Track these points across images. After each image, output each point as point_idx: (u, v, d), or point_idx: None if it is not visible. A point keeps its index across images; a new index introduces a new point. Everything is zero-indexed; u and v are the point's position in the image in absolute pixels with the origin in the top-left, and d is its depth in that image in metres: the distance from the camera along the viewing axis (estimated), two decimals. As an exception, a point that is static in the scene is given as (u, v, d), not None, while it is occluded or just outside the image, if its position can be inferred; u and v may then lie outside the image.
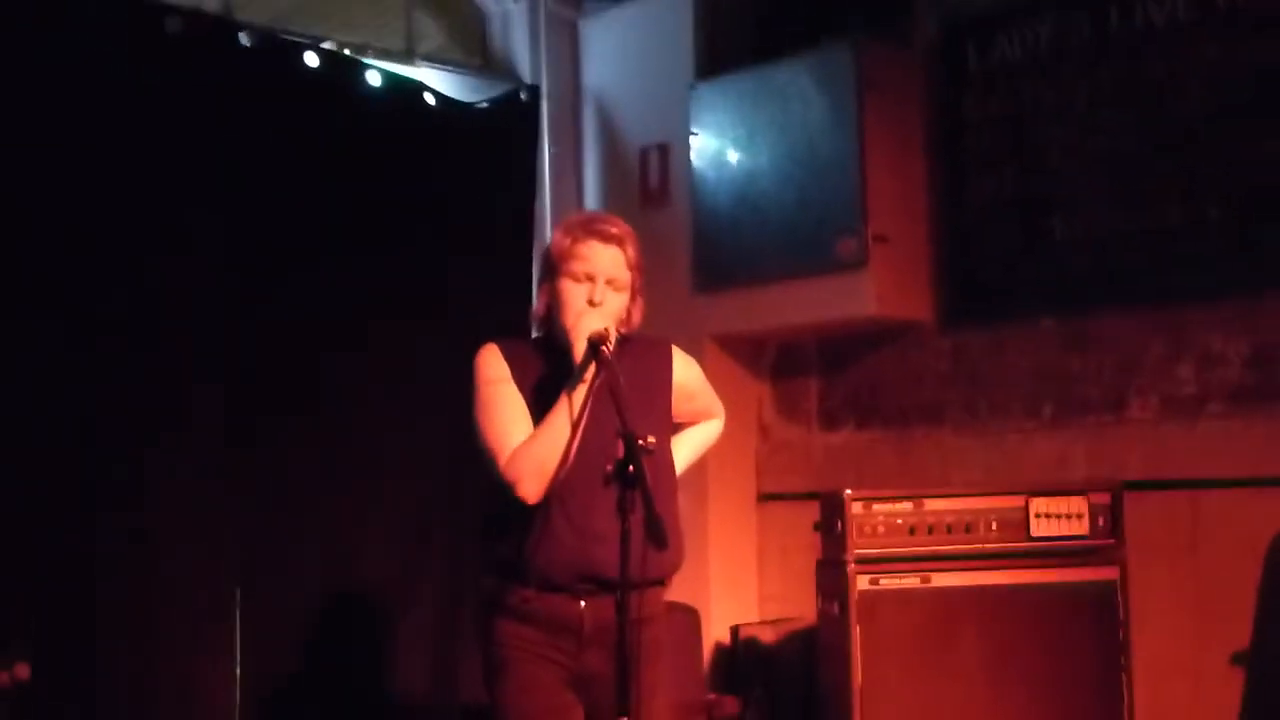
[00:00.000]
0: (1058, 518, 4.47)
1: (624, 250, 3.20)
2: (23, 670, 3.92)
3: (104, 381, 4.61)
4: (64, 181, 4.53)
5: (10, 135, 4.40)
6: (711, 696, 5.19)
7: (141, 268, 4.71)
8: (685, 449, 3.51)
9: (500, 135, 5.88)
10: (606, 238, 3.19)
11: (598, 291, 3.17)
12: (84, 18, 4.60)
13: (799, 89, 5.40)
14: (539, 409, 3.15)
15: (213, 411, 4.83)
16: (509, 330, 3.42)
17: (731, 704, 5.11)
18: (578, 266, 3.18)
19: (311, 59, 5.24)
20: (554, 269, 3.22)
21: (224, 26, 5.03)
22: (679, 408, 3.40)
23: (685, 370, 3.41)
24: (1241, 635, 4.57)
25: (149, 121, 4.74)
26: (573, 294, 3.17)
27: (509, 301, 5.48)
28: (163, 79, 4.78)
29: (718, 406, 3.60)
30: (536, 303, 3.32)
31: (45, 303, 4.48)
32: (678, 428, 3.49)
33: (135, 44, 4.74)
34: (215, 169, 4.89)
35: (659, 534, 2.80)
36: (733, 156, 5.63)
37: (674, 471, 3.33)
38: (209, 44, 4.93)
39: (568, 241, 3.21)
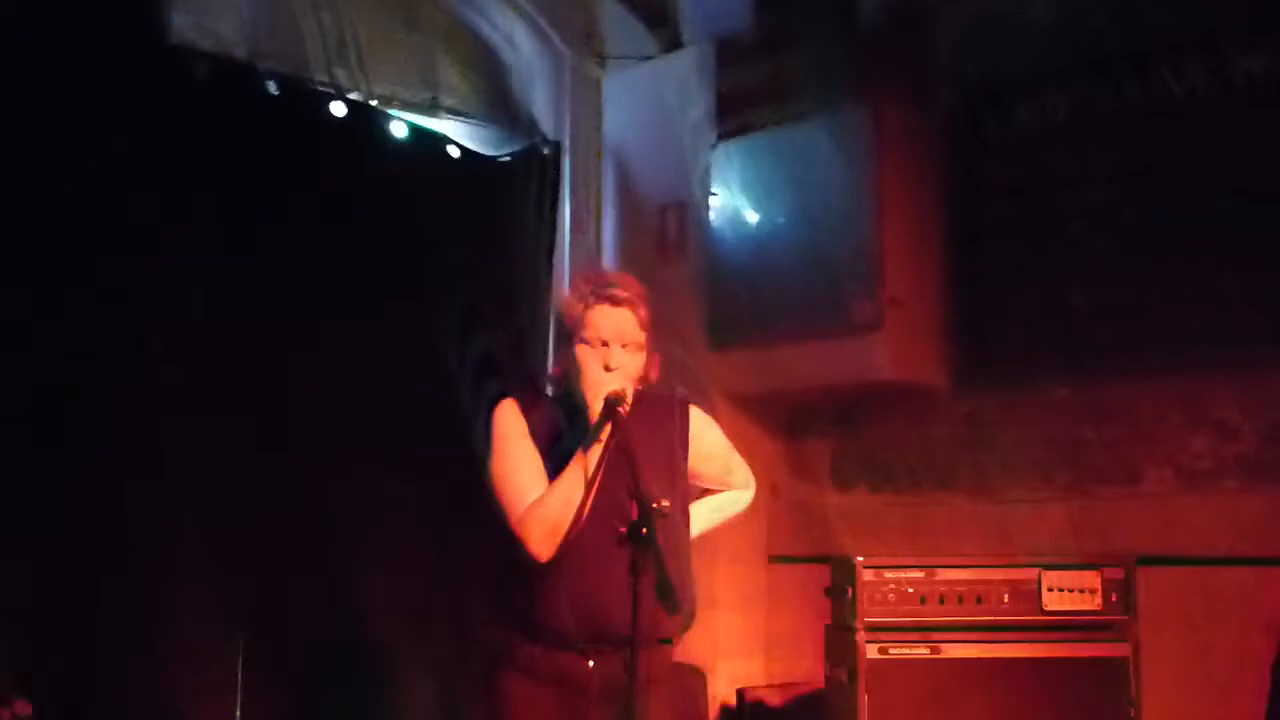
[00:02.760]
0: (1070, 592, 4.43)
1: (636, 313, 3.21)
2: (24, 708, 3.90)
3: (113, 417, 4.62)
4: (87, 214, 4.55)
5: (37, 168, 4.42)
6: (717, 760, 5.14)
7: (163, 312, 4.73)
8: (705, 516, 3.49)
9: (521, 188, 5.90)
10: (617, 302, 3.19)
11: (614, 357, 3.16)
12: (115, 59, 4.64)
13: (818, 150, 5.41)
14: (554, 466, 3.15)
15: (224, 454, 4.82)
16: (525, 385, 3.41)
17: (736, 767, 5.07)
18: (591, 334, 3.18)
19: (338, 108, 5.27)
20: (569, 336, 3.22)
21: (250, 73, 5.07)
22: (699, 469, 3.39)
23: (703, 430, 3.40)
24: (1254, 714, 4.52)
25: (174, 164, 4.75)
26: (589, 360, 3.18)
27: (526, 355, 5.50)
28: (189, 123, 4.80)
29: (745, 477, 3.56)
30: (554, 365, 3.32)
31: (65, 336, 4.52)
32: (704, 492, 3.48)
33: (163, 87, 4.77)
34: (241, 213, 4.91)
35: (670, 596, 2.79)
36: (751, 215, 5.64)
37: (688, 532, 3.31)
38: (236, 90, 4.97)
39: (580, 308, 3.21)
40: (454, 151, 5.69)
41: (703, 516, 3.49)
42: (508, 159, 5.95)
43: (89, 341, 4.57)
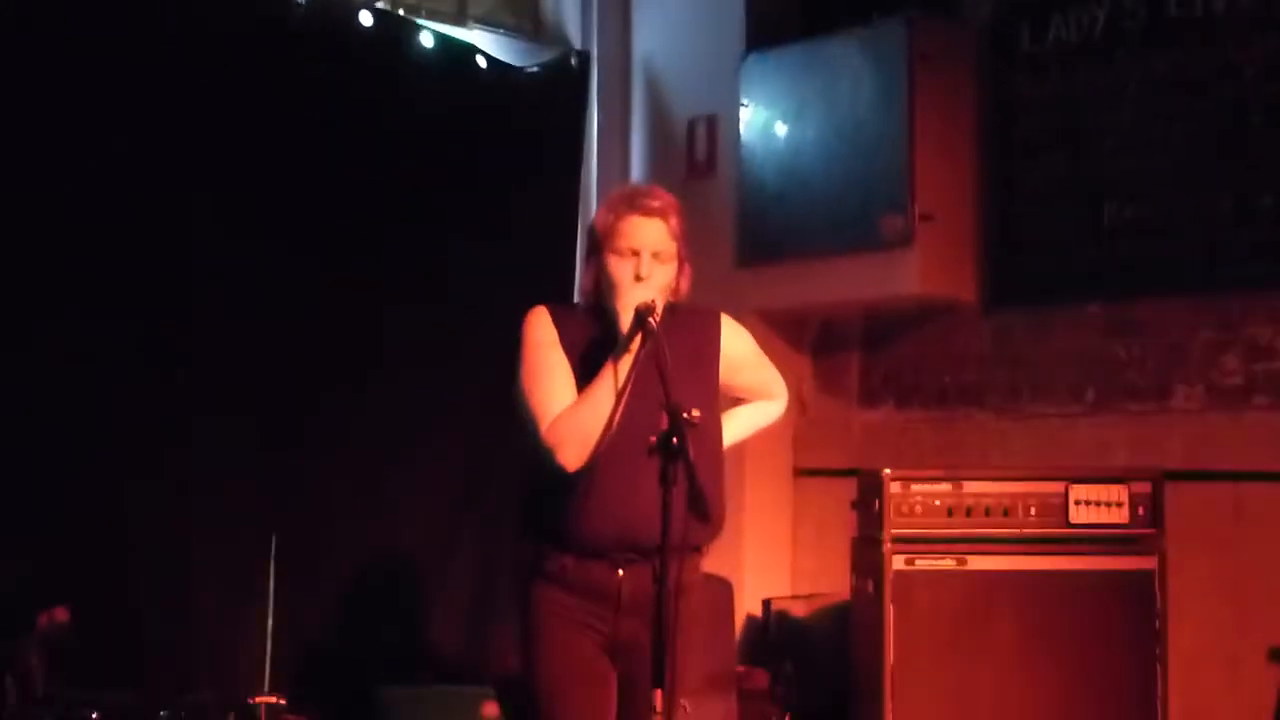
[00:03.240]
0: (1097, 505, 4.45)
1: (667, 222, 3.19)
2: (62, 614, 3.97)
3: (153, 339, 4.68)
4: (99, 164, 4.56)
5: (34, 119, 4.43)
6: (741, 669, 5.19)
7: (193, 237, 4.76)
8: (737, 425, 3.49)
9: (549, 101, 5.88)
10: (649, 211, 3.17)
11: (644, 266, 3.15)
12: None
13: (850, 64, 5.36)
14: (585, 376, 3.14)
15: (266, 376, 4.89)
16: (552, 298, 3.41)
17: (761, 677, 5.12)
18: (622, 243, 3.16)
19: (366, 18, 5.24)
20: (599, 246, 3.21)
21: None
22: (730, 380, 3.38)
23: (734, 340, 3.39)
24: None
25: (198, 85, 4.76)
26: (619, 270, 3.16)
27: (555, 270, 5.50)
28: (214, 39, 4.79)
29: (778, 386, 3.56)
30: (583, 278, 3.31)
31: (100, 275, 4.57)
32: (736, 401, 3.48)
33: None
34: (266, 131, 4.91)
35: (701, 506, 2.81)
36: (781, 130, 5.60)
37: (720, 443, 3.31)
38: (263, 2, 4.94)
39: (611, 218, 3.19)
40: (482, 62, 5.65)
41: (735, 426, 3.50)
42: (536, 70, 5.91)
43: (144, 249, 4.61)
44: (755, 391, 3.52)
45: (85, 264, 4.52)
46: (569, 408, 3.10)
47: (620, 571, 3.14)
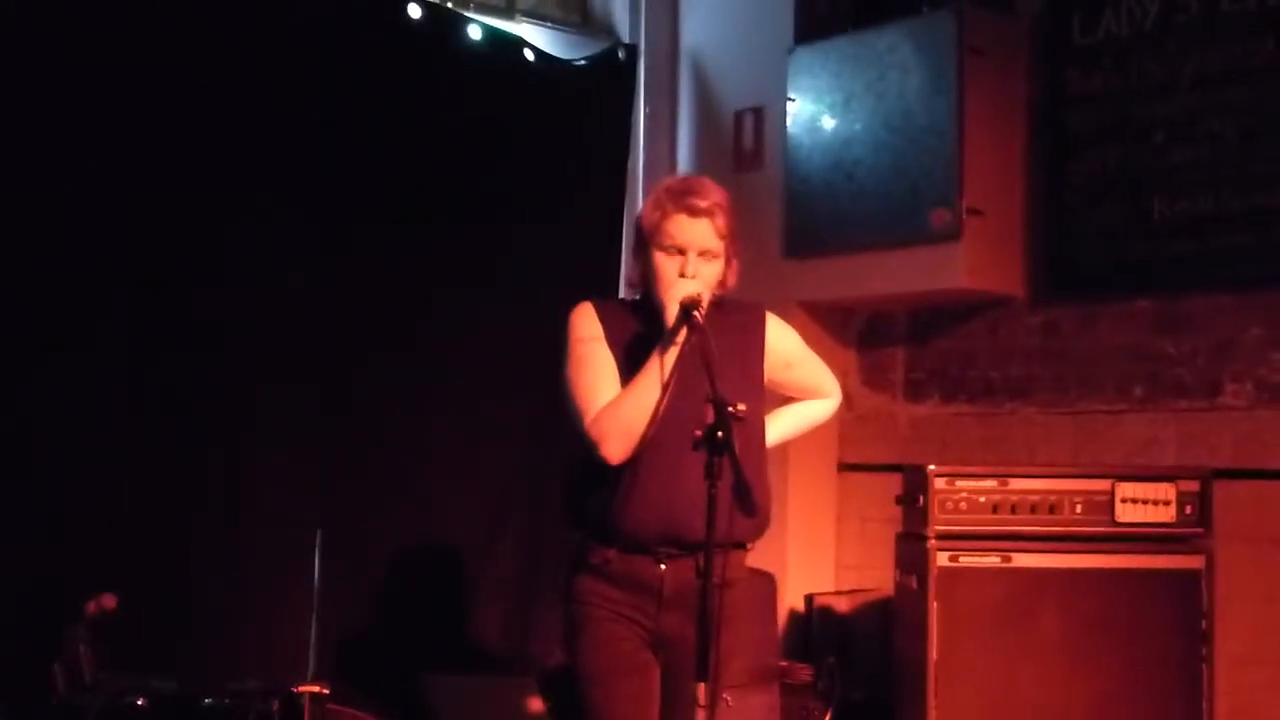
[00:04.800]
0: (1145, 503, 4.42)
1: (714, 222, 3.17)
2: (109, 600, 3.99)
3: (204, 332, 4.73)
4: (129, 149, 4.59)
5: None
6: (784, 663, 5.18)
7: (240, 225, 4.80)
8: (786, 422, 3.50)
9: (597, 93, 5.89)
10: (695, 212, 3.16)
11: (690, 265, 3.15)
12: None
13: (899, 55, 5.33)
14: (629, 370, 3.15)
15: (313, 365, 4.93)
16: (598, 291, 3.42)
17: (804, 672, 5.11)
18: (668, 241, 3.16)
19: (414, 10, 5.25)
20: (645, 242, 3.21)
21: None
22: (778, 376, 3.38)
23: (780, 337, 3.38)
24: (1328, 630, 4.51)
25: (245, 73, 4.79)
26: (665, 267, 3.16)
27: (600, 262, 5.50)
28: (258, 28, 4.82)
29: (830, 384, 3.56)
30: (629, 270, 3.32)
31: (152, 257, 4.63)
32: (786, 400, 3.48)
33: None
34: (312, 120, 4.94)
35: (747, 501, 2.79)
36: (828, 122, 5.58)
37: (763, 438, 3.32)
38: None
39: (657, 216, 3.18)
40: (529, 55, 5.66)
41: (784, 422, 3.50)
42: (584, 63, 5.91)
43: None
44: (806, 390, 3.52)
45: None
46: (613, 401, 3.11)
47: (663, 566, 3.15)
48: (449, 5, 5.54)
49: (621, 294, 3.37)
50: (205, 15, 4.72)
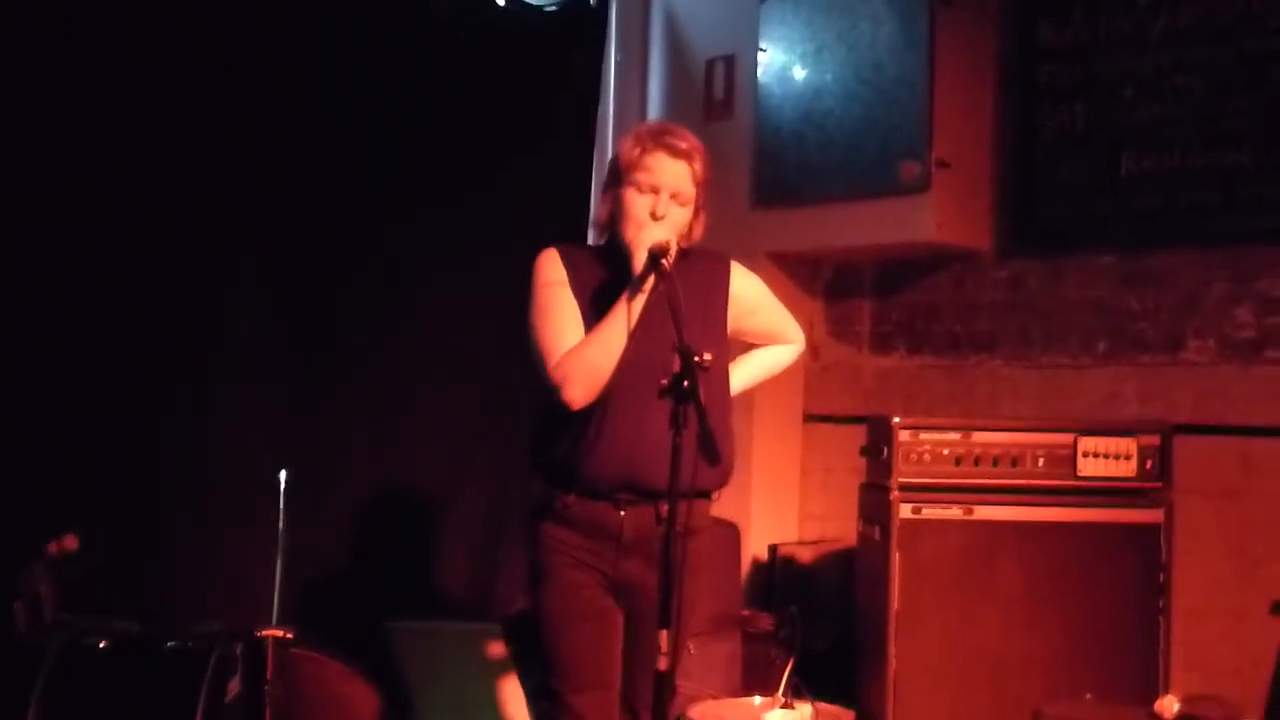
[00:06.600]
0: (1106, 458, 4.46)
1: (691, 165, 3.18)
2: (70, 541, 3.99)
3: (172, 270, 4.69)
4: (127, 84, 4.55)
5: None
6: (746, 612, 5.22)
7: (205, 162, 4.75)
8: (750, 368, 3.50)
9: (568, 38, 5.83)
10: (675, 152, 3.17)
11: (661, 205, 3.15)
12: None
13: (870, 6, 5.32)
14: (594, 316, 3.15)
15: (277, 307, 4.90)
16: (566, 236, 3.40)
17: (766, 620, 5.14)
18: (644, 178, 3.16)
19: (383, -49, 5.20)
20: (620, 177, 3.20)
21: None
22: (741, 323, 3.39)
23: (744, 284, 3.39)
24: (1283, 583, 4.56)
25: (213, 19, 4.73)
26: (637, 205, 3.16)
27: (567, 207, 5.47)
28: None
29: (794, 331, 3.57)
30: (599, 209, 3.31)
31: (125, 200, 4.57)
32: (749, 347, 3.48)
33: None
34: (277, 62, 4.89)
35: (712, 449, 2.80)
36: (799, 72, 5.56)
37: (728, 387, 3.33)
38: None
39: (636, 152, 3.18)
40: (500, 1, 5.61)
41: (748, 369, 3.51)
42: (554, 8, 5.86)
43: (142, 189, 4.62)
44: (769, 336, 3.53)
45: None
46: (577, 345, 3.11)
47: (622, 512, 3.16)
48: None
49: (589, 239, 3.34)
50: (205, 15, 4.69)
